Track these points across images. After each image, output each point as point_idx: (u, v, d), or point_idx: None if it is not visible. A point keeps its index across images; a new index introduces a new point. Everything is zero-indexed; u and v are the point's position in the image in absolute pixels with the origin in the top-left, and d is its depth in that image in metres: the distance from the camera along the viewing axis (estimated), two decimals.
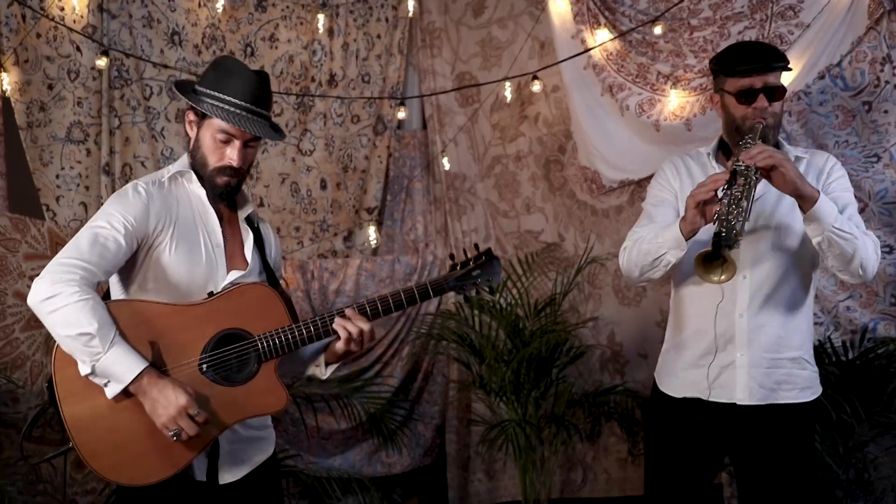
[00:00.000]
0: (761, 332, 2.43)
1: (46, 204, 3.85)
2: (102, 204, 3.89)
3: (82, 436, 2.06)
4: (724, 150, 2.57)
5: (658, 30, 3.83)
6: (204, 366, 2.10)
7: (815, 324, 3.58)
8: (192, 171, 2.22)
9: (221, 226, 2.23)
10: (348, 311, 2.18)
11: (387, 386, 4.56)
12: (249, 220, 2.32)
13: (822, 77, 3.46)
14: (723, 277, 2.20)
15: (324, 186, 4.74)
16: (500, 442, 4.09)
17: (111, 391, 2.02)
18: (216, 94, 2.14)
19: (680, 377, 2.53)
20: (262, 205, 4.52)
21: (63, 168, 3.89)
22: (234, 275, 2.20)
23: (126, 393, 2.03)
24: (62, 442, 3.85)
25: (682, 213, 2.46)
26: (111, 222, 2.09)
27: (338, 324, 2.16)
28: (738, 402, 2.44)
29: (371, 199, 4.86)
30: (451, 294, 2.26)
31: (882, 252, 3.46)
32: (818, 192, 2.29)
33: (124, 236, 2.08)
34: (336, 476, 4.22)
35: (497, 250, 4.75)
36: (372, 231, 4.79)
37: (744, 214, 2.19)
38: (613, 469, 4.34)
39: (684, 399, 2.51)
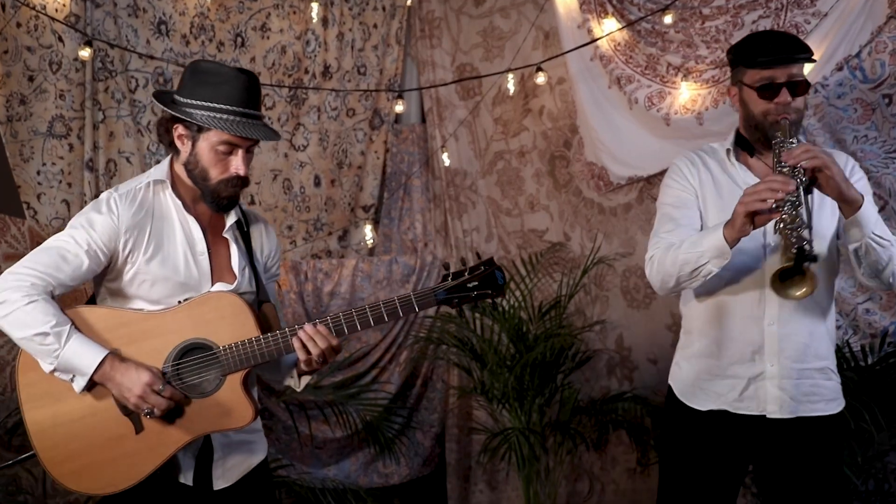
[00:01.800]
0: (790, 341, 2.41)
1: (27, 201, 3.85)
2: (86, 202, 3.94)
3: (43, 442, 2.13)
4: (742, 146, 2.52)
5: (668, 19, 3.83)
6: (167, 376, 2.13)
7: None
8: (167, 182, 2.23)
9: (206, 235, 2.24)
10: (308, 328, 2.13)
11: (384, 392, 4.56)
12: (239, 224, 2.33)
13: (840, 69, 3.46)
14: (804, 291, 2.14)
15: (318, 183, 4.74)
16: (503, 451, 4.09)
17: (78, 385, 2.10)
18: (209, 103, 2.12)
19: (705, 389, 2.49)
20: (252, 202, 4.52)
21: (44, 164, 3.89)
22: (221, 287, 2.22)
23: (93, 387, 2.10)
24: None
25: (704, 214, 2.46)
26: (75, 237, 2.14)
27: (296, 340, 2.13)
28: (769, 416, 2.42)
29: (367, 197, 4.86)
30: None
31: None
32: (862, 196, 2.27)
33: (86, 253, 2.13)
34: (331, 487, 4.22)
35: (499, 250, 4.75)
36: (368, 230, 4.80)
37: (805, 223, 2.13)
38: (622, 480, 4.34)
39: (710, 412, 2.48)
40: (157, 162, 4.15)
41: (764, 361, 2.41)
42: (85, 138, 3.96)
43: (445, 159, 4.79)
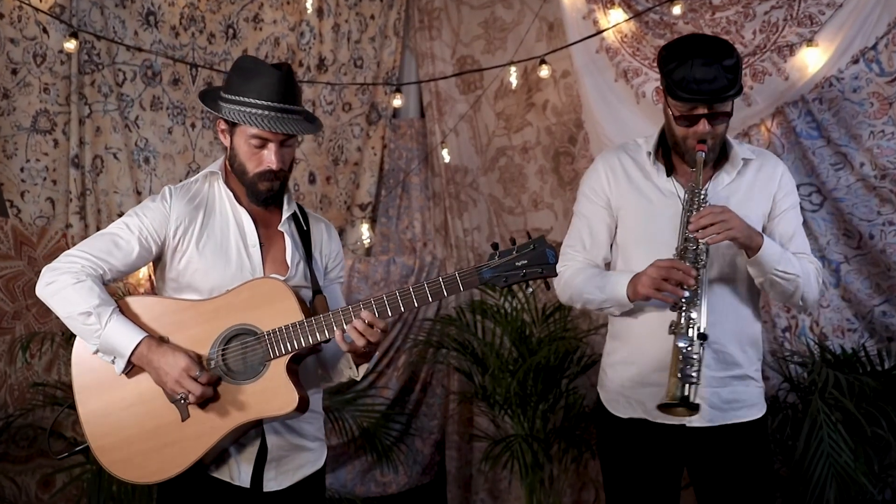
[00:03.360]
0: (711, 349, 2.45)
1: (10, 200, 3.85)
2: (71, 200, 3.94)
3: (94, 431, 2.24)
4: (664, 147, 2.56)
5: (677, 9, 3.83)
6: (212, 362, 2.21)
7: (849, 330, 3.60)
8: (220, 174, 2.36)
9: (259, 229, 2.34)
10: (365, 315, 2.15)
11: (381, 398, 4.56)
12: (297, 221, 2.41)
13: (855, 61, 3.46)
14: (685, 413, 2.32)
15: (312, 180, 4.74)
16: (505, 459, 4.09)
17: (118, 367, 2.20)
18: (240, 98, 2.23)
19: (628, 396, 2.54)
20: None
21: (28, 160, 3.89)
22: None
23: (134, 371, 2.21)
24: (27, 459, 3.89)
25: (622, 221, 2.56)
26: (128, 224, 2.29)
27: (337, 331, 2.17)
28: (689, 425, 2.47)
29: (364, 195, 4.86)
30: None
31: None
32: (762, 238, 2.37)
33: (138, 239, 2.27)
34: (326, 496, 4.22)
35: None
36: (365, 229, 4.79)
37: (699, 310, 2.33)
38: None
39: (630, 420, 2.54)
40: (145, 160, 4.20)
41: None
42: (70, 134, 3.96)
43: (445, 156, 4.79)
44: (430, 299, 2.16)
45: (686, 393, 2.27)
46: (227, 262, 2.29)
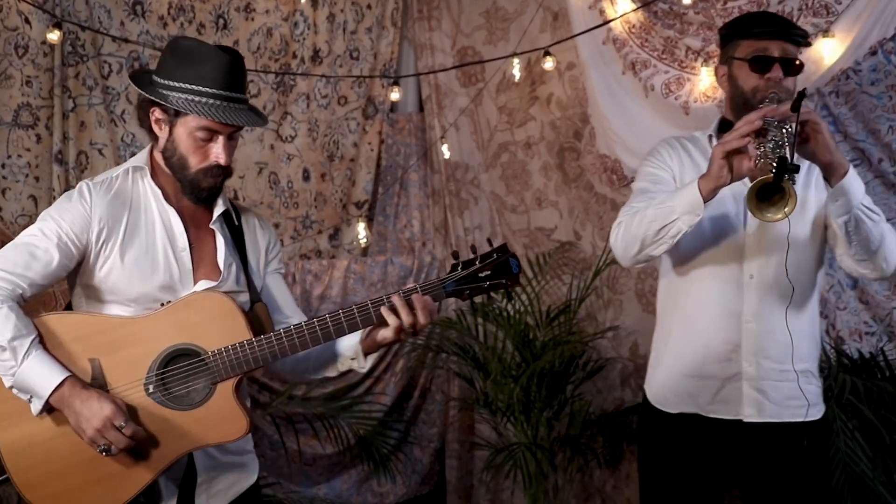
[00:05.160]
0: (771, 339, 2.42)
1: None
2: (55, 198, 3.92)
3: (18, 463, 2.07)
4: (725, 131, 2.53)
5: None
6: (150, 386, 2.09)
7: (867, 333, 3.59)
8: (147, 169, 2.22)
9: (189, 229, 2.22)
10: (396, 298, 2.09)
11: (378, 405, 4.56)
12: (228, 217, 2.30)
13: (873, 53, 3.46)
14: (785, 211, 2.09)
15: (307, 177, 4.74)
16: (508, 468, 4.09)
17: (35, 407, 2.04)
18: (186, 85, 2.11)
19: (675, 390, 2.52)
20: (236, 198, 4.51)
21: (10, 156, 3.89)
22: (204, 285, 2.18)
23: (52, 412, 2.05)
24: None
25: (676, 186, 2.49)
26: (44, 230, 2.12)
27: (386, 309, 2.10)
28: (745, 420, 2.44)
29: (360, 192, 4.86)
30: (453, 300, 2.23)
31: None
32: (850, 165, 2.29)
33: (57, 246, 2.10)
34: None
35: None
36: (361, 228, 4.79)
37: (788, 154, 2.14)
38: (636, 499, 4.33)
39: (680, 415, 2.51)
40: (133, 154, 4.19)
41: (740, 361, 2.42)
42: (54, 128, 3.95)
43: (445, 151, 4.79)
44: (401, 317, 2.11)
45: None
46: (155, 268, 2.15)
